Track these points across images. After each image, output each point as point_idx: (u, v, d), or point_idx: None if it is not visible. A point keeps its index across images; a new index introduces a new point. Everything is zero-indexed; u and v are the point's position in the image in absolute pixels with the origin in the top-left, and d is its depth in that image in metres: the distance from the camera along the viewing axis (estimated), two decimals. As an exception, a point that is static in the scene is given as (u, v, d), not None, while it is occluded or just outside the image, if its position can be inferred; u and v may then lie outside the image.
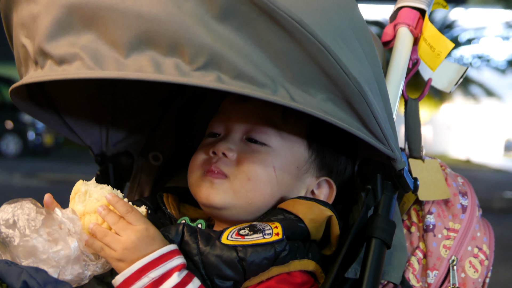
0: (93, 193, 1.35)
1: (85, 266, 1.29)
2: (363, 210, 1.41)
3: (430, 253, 1.53)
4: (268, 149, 1.46)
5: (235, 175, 1.44)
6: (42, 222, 1.26)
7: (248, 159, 1.45)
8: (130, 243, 1.26)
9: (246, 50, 1.15)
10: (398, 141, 1.41)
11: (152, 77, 1.16)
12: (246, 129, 1.49)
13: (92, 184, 1.38)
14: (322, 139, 1.51)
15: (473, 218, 1.58)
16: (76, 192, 1.36)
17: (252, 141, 1.47)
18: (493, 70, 25.07)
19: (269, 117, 1.48)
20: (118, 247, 1.26)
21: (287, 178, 1.47)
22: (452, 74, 1.71)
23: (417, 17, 1.64)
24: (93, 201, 1.33)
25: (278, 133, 1.48)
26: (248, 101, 1.50)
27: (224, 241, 1.32)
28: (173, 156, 2.00)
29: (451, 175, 1.65)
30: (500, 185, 15.27)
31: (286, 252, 1.32)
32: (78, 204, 1.34)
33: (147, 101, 1.90)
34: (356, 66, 1.23)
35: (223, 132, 1.53)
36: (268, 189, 1.45)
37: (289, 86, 1.18)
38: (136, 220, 1.30)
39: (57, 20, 1.24)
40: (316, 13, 1.19)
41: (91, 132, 1.88)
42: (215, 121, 1.57)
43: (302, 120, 1.49)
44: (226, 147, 1.46)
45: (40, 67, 1.32)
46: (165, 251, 1.27)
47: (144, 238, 1.28)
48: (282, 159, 1.47)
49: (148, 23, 1.15)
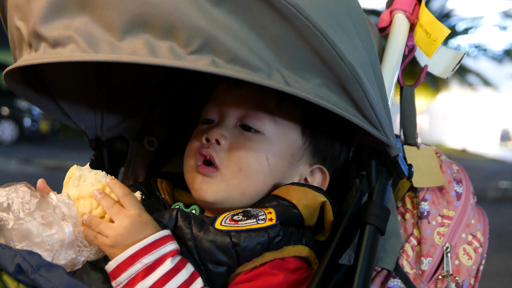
0: (87, 178, 1.34)
1: (78, 251, 1.29)
2: (357, 196, 1.41)
3: (424, 240, 1.53)
4: (262, 137, 1.46)
5: (226, 165, 1.43)
6: (37, 206, 1.26)
7: (240, 148, 1.44)
8: (123, 228, 1.26)
9: (241, 34, 1.15)
10: (393, 127, 1.40)
11: (147, 61, 1.15)
12: (240, 115, 1.48)
13: (87, 169, 1.37)
14: (316, 125, 1.51)
15: (468, 205, 1.58)
16: (70, 177, 1.36)
17: (246, 128, 1.47)
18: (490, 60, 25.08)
19: (264, 103, 1.47)
20: (111, 233, 1.26)
21: (280, 165, 1.47)
22: (449, 60, 1.71)
23: (413, 3, 1.63)
24: (88, 185, 1.33)
25: (272, 119, 1.47)
26: (243, 87, 1.49)
27: (217, 227, 1.32)
28: (168, 142, 2.00)
29: (446, 162, 1.65)
30: (495, 175, 15.34)
31: (280, 238, 1.32)
32: (72, 188, 1.33)
33: (142, 86, 1.89)
34: (352, 52, 1.22)
35: (217, 118, 1.52)
36: (261, 178, 1.45)
37: (284, 70, 1.18)
38: (131, 204, 1.30)
39: (51, 2, 1.23)
40: None
41: (86, 116, 1.87)
42: (209, 107, 1.56)
43: (297, 106, 1.49)
44: (219, 134, 1.46)
45: (34, 50, 1.31)
46: (158, 236, 1.27)
47: (137, 223, 1.27)
48: (276, 146, 1.46)
49: (143, 6, 1.14)
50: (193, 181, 1.47)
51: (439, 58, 1.69)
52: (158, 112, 1.97)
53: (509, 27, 22.42)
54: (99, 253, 1.31)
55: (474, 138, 33.36)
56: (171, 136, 2.00)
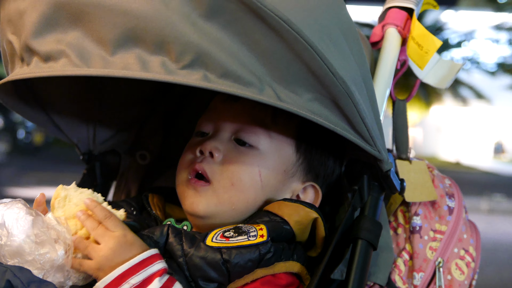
0: (72, 198, 1.34)
1: (67, 275, 1.28)
2: (349, 211, 1.41)
3: (416, 254, 1.53)
4: (256, 152, 1.45)
5: (218, 179, 1.42)
6: (31, 224, 1.25)
7: (233, 162, 1.43)
8: (108, 250, 1.25)
9: (233, 48, 1.15)
10: (385, 142, 1.40)
11: (138, 75, 1.15)
12: (235, 129, 1.48)
13: (72, 189, 1.36)
14: (311, 142, 1.50)
15: (460, 220, 1.58)
16: (56, 197, 1.35)
17: (240, 143, 1.46)
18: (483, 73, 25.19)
19: (259, 118, 1.47)
20: (97, 255, 1.25)
21: (273, 181, 1.46)
22: (446, 71, 1.71)
23: (405, 18, 1.64)
24: (72, 206, 1.33)
25: (268, 134, 1.46)
26: (238, 101, 1.49)
27: (208, 243, 1.31)
28: (161, 155, 2.00)
29: (438, 176, 1.65)
30: (489, 187, 15.34)
31: (271, 254, 1.31)
32: (58, 210, 1.33)
33: (134, 99, 1.89)
34: (343, 66, 1.22)
35: (211, 131, 1.52)
36: (252, 194, 1.44)
37: (275, 85, 1.18)
38: (114, 226, 1.29)
39: (43, 17, 1.23)
40: (304, 12, 1.19)
41: (78, 130, 1.87)
42: (204, 120, 1.55)
43: (292, 121, 1.48)
44: (213, 146, 1.45)
45: (26, 64, 1.31)
46: (145, 256, 1.26)
47: (122, 244, 1.27)
48: (269, 162, 1.45)
49: (134, 20, 1.14)
50: (184, 194, 1.46)
51: (437, 69, 1.70)
52: (150, 125, 1.97)
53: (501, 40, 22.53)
54: (88, 279, 1.30)
55: (467, 151, 33.44)
56: (163, 150, 1.99)
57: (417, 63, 1.60)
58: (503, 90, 23.60)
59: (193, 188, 1.44)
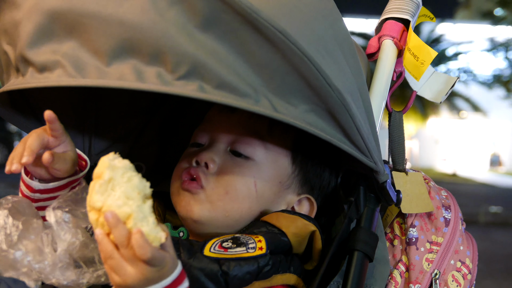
0: (116, 186, 1.10)
1: (80, 273, 1.23)
2: (345, 223, 1.40)
3: (412, 266, 1.52)
4: (252, 163, 1.45)
5: (212, 187, 1.42)
6: (19, 235, 1.23)
7: (229, 173, 1.43)
8: (138, 279, 1.08)
9: (229, 59, 1.15)
10: (381, 153, 1.40)
11: (134, 86, 1.15)
12: (231, 140, 1.48)
13: (120, 171, 1.13)
14: (307, 154, 1.50)
15: (456, 231, 1.58)
16: (100, 174, 1.12)
17: (236, 154, 1.46)
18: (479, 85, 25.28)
19: (255, 129, 1.47)
20: (125, 279, 1.09)
21: (268, 192, 1.46)
22: (442, 84, 1.72)
23: (401, 30, 1.64)
24: (114, 199, 1.08)
25: (263, 145, 1.46)
26: (234, 112, 1.49)
27: (206, 253, 1.30)
28: (156, 166, 1.99)
29: (434, 188, 1.64)
30: (485, 199, 15.37)
31: (269, 267, 1.31)
32: (97, 194, 1.09)
33: (130, 110, 1.88)
34: (339, 77, 1.22)
35: (207, 142, 1.51)
36: (246, 203, 1.43)
37: (271, 96, 1.18)
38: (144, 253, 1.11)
39: (39, 27, 1.23)
40: (300, 23, 1.19)
41: (74, 141, 1.83)
42: (200, 131, 1.55)
43: (288, 133, 1.48)
44: (209, 157, 1.45)
45: (21, 74, 1.30)
46: (176, 276, 1.14)
47: (154, 274, 1.10)
48: (265, 173, 1.45)
49: (130, 31, 1.14)
50: (178, 199, 1.46)
51: (432, 82, 1.71)
52: (146, 137, 1.96)
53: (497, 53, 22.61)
54: (101, 279, 1.23)
55: (464, 163, 33.49)
56: (159, 160, 1.99)
57: (413, 74, 1.61)
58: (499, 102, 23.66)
59: (187, 189, 1.43)
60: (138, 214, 1.08)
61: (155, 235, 1.08)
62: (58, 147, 1.35)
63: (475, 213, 12.12)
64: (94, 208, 1.09)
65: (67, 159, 1.36)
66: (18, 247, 1.21)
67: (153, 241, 1.08)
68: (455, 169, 30.29)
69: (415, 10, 1.68)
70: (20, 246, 1.22)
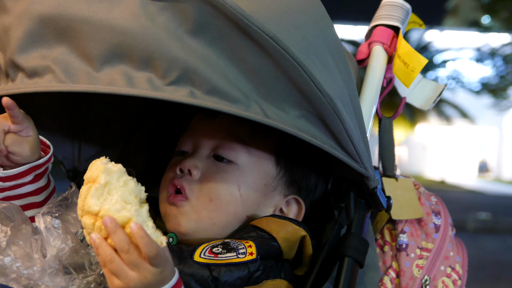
0: (113, 191, 1.09)
1: (69, 279, 1.23)
2: (336, 229, 1.40)
3: (403, 272, 1.52)
4: (235, 167, 1.44)
5: (196, 196, 1.42)
6: (7, 242, 1.22)
7: (212, 179, 1.43)
8: (140, 283, 1.09)
9: (220, 65, 1.15)
10: (371, 159, 1.40)
11: (124, 91, 1.15)
12: (214, 146, 1.47)
13: (116, 175, 1.12)
14: (291, 156, 1.50)
15: (446, 237, 1.58)
16: (95, 178, 1.11)
17: (218, 159, 1.45)
18: (467, 92, 25.39)
19: (237, 133, 1.46)
20: (127, 282, 1.09)
21: (253, 196, 1.45)
22: (430, 92, 1.72)
23: (391, 36, 1.65)
24: (111, 203, 1.08)
25: (246, 149, 1.46)
26: (216, 118, 1.49)
27: (196, 259, 1.30)
28: (146, 172, 1.98)
29: (424, 194, 1.65)
30: (474, 206, 15.40)
31: (260, 272, 1.30)
32: (93, 198, 1.08)
33: (120, 116, 1.88)
34: (330, 83, 1.23)
35: (191, 149, 1.51)
36: (231, 209, 1.43)
37: (262, 102, 1.18)
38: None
39: (29, 32, 1.23)
40: (291, 29, 1.19)
41: (63, 147, 1.85)
42: (184, 139, 1.55)
43: (270, 135, 1.48)
44: (191, 164, 1.45)
45: (11, 79, 1.30)
46: (174, 283, 1.15)
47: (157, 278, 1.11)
48: (249, 176, 1.45)
49: (121, 36, 1.14)
50: (165, 212, 1.46)
51: (420, 90, 1.71)
52: (136, 142, 1.96)
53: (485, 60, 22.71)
54: (91, 285, 1.23)
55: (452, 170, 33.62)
56: (149, 166, 1.98)
57: (403, 81, 1.61)
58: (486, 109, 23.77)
59: (173, 203, 1.43)
60: (138, 219, 1.08)
61: (155, 239, 1.09)
62: (21, 132, 1.34)
63: (463, 220, 12.14)
64: (90, 212, 1.09)
65: (25, 143, 1.35)
66: (6, 253, 1.20)
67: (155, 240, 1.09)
68: (443, 176, 30.39)
69: (404, 17, 1.69)
70: (8, 252, 1.21)
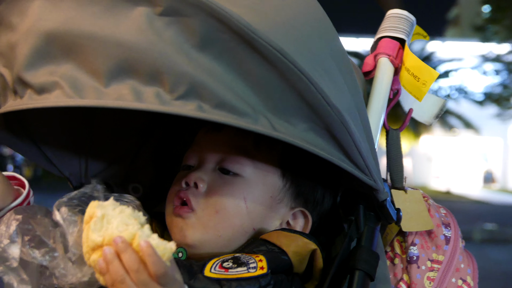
0: (112, 219, 1.11)
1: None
2: (345, 242, 1.39)
3: (414, 285, 1.52)
4: (241, 180, 1.44)
5: (202, 208, 1.42)
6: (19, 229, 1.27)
7: (218, 191, 1.43)
8: None
9: (227, 78, 1.15)
10: (380, 172, 1.40)
11: (132, 106, 1.15)
12: (219, 159, 1.47)
13: (110, 206, 1.14)
14: (297, 167, 1.50)
15: (457, 249, 1.57)
16: (91, 216, 1.13)
17: (224, 172, 1.46)
18: (471, 102, 25.40)
19: (242, 146, 1.47)
20: None
21: (259, 208, 1.45)
22: (432, 106, 1.72)
23: (397, 48, 1.65)
24: (114, 229, 1.09)
25: (251, 162, 1.46)
26: (221, 131, 1.49)
27: (207, 274, 1.29)
28: (153, 188, 1.98)
29: (433, 206, 1.64)
30: (480, 217, 15.36)
31: (271, 287, 1.29)
32: (95, 232, 1.10)
33: (127, 132, 1.88)
34: (337, 95, 1.22)
35: (196, 163, 1.52)
36: (238, 221, 1.42)
37: (270, 115, 1.18)
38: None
39: (36, 49, 1.23)
40: (297, 42, 1.19)
41: (70, 163, 1.85)
42: (189, 153, 1.55)
43: (275, 147, 1.48)
44: (197, 177, 1.45)
45: (19, 96, 1.30)
46: None
47: None
48: (255, 189, 1.45)
49: (128, 52, 1.14)
50: (172, 224, 1.46)
51: (422, 104, 1.70)
52: (143, 158, 1.95)
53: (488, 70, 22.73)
54: None
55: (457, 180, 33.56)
56: (156, 182, 1.98)
57: (414, 95, 1.61)
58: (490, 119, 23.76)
59: (179, 215, 1.43)
60: (143, 233, 1.09)
61: (164, 246, 1.09)
62: None
63: (469, 231, 12.11)
64: (95, 246, 1.10)
65: None
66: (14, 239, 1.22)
67: (163, 252, 1.09)
68: (448, 187, 30.34)
69: (409, 28, 1.69)
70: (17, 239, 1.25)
